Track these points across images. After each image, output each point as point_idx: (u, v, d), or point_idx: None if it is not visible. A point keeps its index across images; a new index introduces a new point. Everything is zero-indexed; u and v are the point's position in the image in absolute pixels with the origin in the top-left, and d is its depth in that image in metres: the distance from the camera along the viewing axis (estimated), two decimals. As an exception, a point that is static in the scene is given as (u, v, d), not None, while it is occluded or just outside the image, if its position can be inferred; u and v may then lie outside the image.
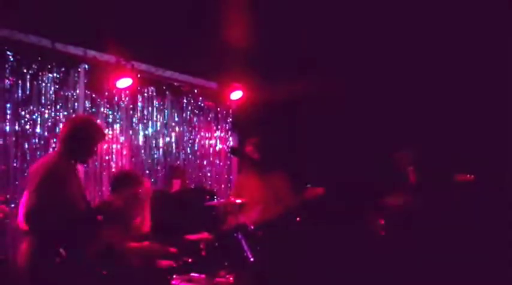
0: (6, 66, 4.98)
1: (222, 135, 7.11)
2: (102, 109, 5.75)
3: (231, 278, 4.60)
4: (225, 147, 7.11)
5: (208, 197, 5.68)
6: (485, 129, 5.55)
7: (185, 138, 6.70)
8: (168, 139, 6.50)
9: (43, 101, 5.25)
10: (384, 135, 5.77)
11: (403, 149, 5.52)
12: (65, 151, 3.55)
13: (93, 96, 5.67)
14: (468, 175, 5.07)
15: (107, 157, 5.80)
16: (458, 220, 5.25)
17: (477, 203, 5.29)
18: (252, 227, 4.88)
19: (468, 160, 5.26)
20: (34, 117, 5.18)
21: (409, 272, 4.82)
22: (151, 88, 6.28)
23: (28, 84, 5.14)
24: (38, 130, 5.19)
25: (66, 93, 5.43)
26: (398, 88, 5.87)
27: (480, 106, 5.56)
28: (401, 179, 5.37)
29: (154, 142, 6.34)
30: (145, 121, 6.24)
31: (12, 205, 4.80)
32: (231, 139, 7.22)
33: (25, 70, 5.11)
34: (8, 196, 4.88)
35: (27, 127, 5.12)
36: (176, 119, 6.60)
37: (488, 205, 5.31)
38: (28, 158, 5.06)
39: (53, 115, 5.31)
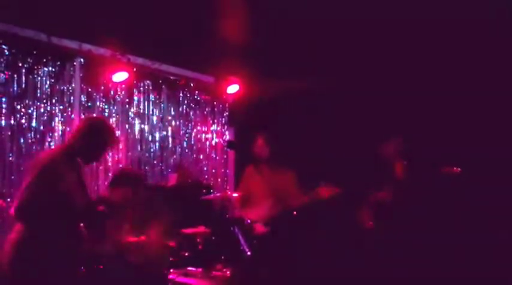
0: (2, 59, 4.96)
1: (218, 128, 7.10)
2: (98, 103, 5.74)
3: (228, 272, 4.61)
4: (222, 141, 7.11)
5: (204, 191, 5.69)
6: (473, 122, 5.54)
7: (181, 132, 6.70)
8: (164, 133, 6.49)
9: (38, 95, 5.23)
10: (375, 128, 5.77)
11: (389, 140, 5.44)
12: (72, 148, 3.54)
13: (89, 90, 5.66)
14: (455, 168, 5.02)
15: (103, 152, 5.77)
16: (445, 213, 5.25)
17: (464, 196, 5.28)
18: (249, 221, 4.89)
19: (456, 154, 5.25)
20: (30, 111, 5.16)
21: (398, 267, 4.83)
22: (148, 82, 6.27)
23: (23, 78, 5.12)
24: (33, 124, 5.17)
25: (62, 87, 5.41)
26: (393, 84, 5.87)
27: (469, 99, 5.56)
28: (388, 172, 5.34)
29: (150, 136, 6.33)
30: (141, 115, 6.23)
31: (8, 199, 4.80)
32: (227, 133, 7.22)
33: (20, 64, 5.09)
34: (4, 191, 4.88)
35: (23, 121, 5.10)
36: (172, 113, 6.59)
37: (476, 198, 5.31)
38: (24, 152, 5.05)
39: (48, 109, 5.29)
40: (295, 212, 5.03)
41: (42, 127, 5.22)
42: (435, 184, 5.07)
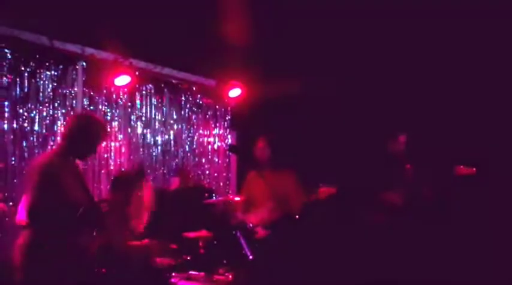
0: (4, 63, 4.97)
1: (220, 132, 7.11)
2: (100, 107, 5.74)
3: (230, 276, 4.60)
4: (224, 145, 7.11)
5: (206, 195, 5.68)
6: (485, 120, 5.49)
7: (184, 136, 6.70)
8: (166, 136, 6.49)
9: (41, 99, 5.24)
10: (383, 130, 5.73)
11: (395, 139, 5.34)
12: (65, 147, 3.55)
13: (91, 93, 5.67)
14: (470, 168, 4.92)
15: (105, 155, 5.79)
16: (458, 215, 5.21)
17: (479, 197, 5.22)
18: (251, 225, 4.88)
19: (469, 153, 5.18)
20: (32, 114, 5.17)
21: (409, 269, 4.81)
22: (150, 85, 6.28)
23: (26, 82, 5.12)
24: (36, 128, 5.18)
25: (64, 91, 5.42)
26: (397, 84, 5.85)
27: (481, 97, 5.50)
28: (398, 172, 5.29)
29: (152, 139, 6.33)
30: (143, 118, 6.23)
31: (11, 203, 4.80)
32: (229, 136, 7.21)
33: (23, 68, 5.10)
34: (6, 194, 4.88)
35: (25, 125, 5.11)
36: (174, 116, 6.59)
37: (490, 200, 5.25)
38: (26, 156, 5.05)
39: (51, 113, 5.30)
40: (297, 216, 5.01)
41: (44, 131, 5.23)
42: (449, 184, 5.00)
